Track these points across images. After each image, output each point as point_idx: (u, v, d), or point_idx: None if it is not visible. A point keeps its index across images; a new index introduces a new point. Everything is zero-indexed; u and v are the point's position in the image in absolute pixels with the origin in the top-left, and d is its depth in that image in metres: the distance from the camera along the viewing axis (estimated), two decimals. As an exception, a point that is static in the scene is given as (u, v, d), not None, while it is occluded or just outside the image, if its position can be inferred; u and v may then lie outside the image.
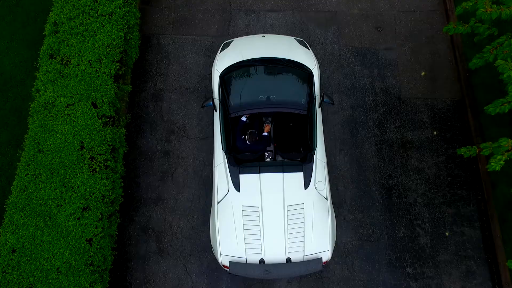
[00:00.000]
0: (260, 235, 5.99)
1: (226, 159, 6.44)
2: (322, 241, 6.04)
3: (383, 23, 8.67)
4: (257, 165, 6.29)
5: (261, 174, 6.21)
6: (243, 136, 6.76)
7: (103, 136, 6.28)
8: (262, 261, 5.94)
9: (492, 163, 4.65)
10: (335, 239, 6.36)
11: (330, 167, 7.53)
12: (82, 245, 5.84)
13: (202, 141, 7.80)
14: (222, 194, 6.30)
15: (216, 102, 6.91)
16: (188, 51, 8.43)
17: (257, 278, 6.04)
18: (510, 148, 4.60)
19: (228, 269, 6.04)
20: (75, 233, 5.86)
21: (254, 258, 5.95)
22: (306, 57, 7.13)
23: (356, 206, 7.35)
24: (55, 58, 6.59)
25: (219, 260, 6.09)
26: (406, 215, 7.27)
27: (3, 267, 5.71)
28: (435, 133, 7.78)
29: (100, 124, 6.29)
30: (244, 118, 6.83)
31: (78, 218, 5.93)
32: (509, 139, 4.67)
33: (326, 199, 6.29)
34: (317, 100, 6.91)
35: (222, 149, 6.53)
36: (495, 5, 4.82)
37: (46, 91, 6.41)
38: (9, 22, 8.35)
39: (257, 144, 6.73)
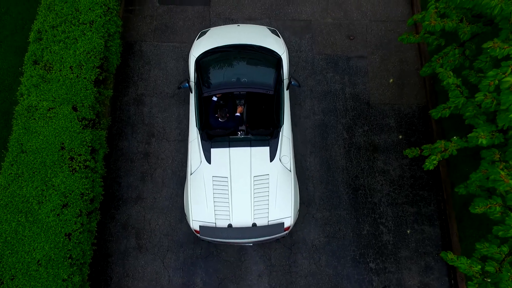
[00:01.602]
0: (228, 202, 6.59)
1: (199, 135, 7.01)
2: (285, 208, 6.62)
3: (355, 32, 9.11)
4: (227, 140, 6.93)
5: (231, 148, 6.83)
6: (216, 115, 7.37)
7: (83, 138, 6.69)
8: (230, 225, 6.51)
9: (427, 163, 5.10)
10: (298, 208, 6.93)
11: (300, 169, 7.97)
12: (61, 239, 6.24)
13: (180, 143, 8.21)
14: (195, 167, 6.90)
15: (192, 84, 7.47)
16: (169, 57, 8.86)
17: (224, 241, 6.60)
18: (443, 149, 5.05)
19: (199, 234, 6.59)
20: (54, 228, 6.26)
21: (222, 223, 6.54)
22: (277, 44, 7.69)
23: (324, 205, 7.78)
24: (38, 64, 6.99)
25: (191, 225, 6.65)
26: (370, 214, 7.70)
27: (-13, 260, 6.10)
28: (400, 137, 8.23)
29: (80, 126, 6.70)
30: (215, 98, 7.42)
31: (58, 215, 6.32)
32: (443, 141, 5.12)
33: (290, 171, 6.88)
34: (285, 83, 7.47)
35: (196, 126, 7.11)
36: (439, 18, 5.26)
37: (29, 95, 6.81)
38: (-2, 29, 8.76)
39: (229, 122, 7.35)
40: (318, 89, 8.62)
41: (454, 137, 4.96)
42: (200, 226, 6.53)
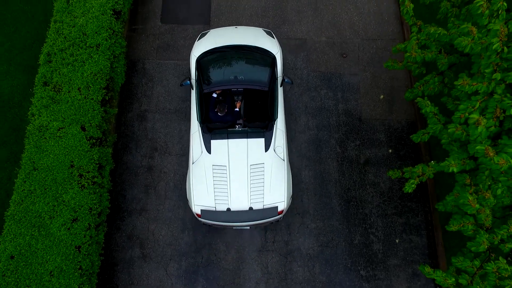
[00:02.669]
0: (227, 188, 7.21)
1: (200, 128, 7.62)
2: (278, 193, 7.25)
3: (348, 50, 9.58)
4: (226, 132, 7.57)
5: (229, 140, 7.48)
6: (215, 110, 7.97)
7: (91, 156, 7.13)
8: (228, 209, 7.12)
9: (406, 186, 5.57)
10: (291, 194, 7.53)
11: (296, 181, 8.43)
12: (72, 251, 6.68)
13: (182, 157, 8.67)
14: (197, 156, 7.51)
15: (193, 82, 8.06)
16: (171, 74, 9.31)
17: (223, 224, 7.17)
18: (420, 174, 5.52)
19: (200, 217, 7.18)
20: (65, 241, 6.70)
21: (222, 207, 7.16)
22: (271, 45, 8.29)
23: (318, 216, 8.24)
24: (48, 85, 7.43)
25: (193, 210, 7.26)
26: (361, 224, 8.17)
27: (3, 272, 6.54)
28: (390, 151, 8.69)
29: (88, 145, 7.15)
30: (214, 95, 8.01)
31: (69, 228, 6.77)
32: (421, 166, 5.59)
33: (283, 160, 7.48)
34: (279, 80, 8.08)
35: (197, 120, 7.72)
36: (419, 50, 5.72)
37: (40, 116, 7.25)
38: (7, 48, 9.19)
39: (227, 116, 7.97)
40: (312, 105, 9.07)
41: (432, 162, 5.42)
42: (201, 210, 7.14)
